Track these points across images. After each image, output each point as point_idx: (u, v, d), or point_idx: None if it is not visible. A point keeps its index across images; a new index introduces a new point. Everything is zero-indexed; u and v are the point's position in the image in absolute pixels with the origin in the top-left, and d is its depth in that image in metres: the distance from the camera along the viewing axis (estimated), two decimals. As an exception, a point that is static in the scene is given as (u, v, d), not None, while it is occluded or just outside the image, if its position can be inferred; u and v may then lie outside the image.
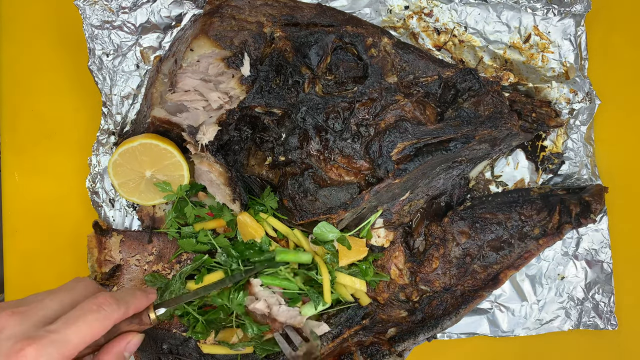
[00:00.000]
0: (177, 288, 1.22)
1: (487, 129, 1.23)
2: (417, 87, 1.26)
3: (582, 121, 1.34)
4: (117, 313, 0.90)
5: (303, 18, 1.26)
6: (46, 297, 0.88)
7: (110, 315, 0.88)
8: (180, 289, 1.22)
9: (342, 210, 1.20)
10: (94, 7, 1.31)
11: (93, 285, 0.96)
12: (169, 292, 1.22)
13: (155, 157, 1.24)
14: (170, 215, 1.26)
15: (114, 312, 0.89)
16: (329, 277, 1.19)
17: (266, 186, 1.26)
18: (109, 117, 1.35)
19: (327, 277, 1.18)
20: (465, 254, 1.31)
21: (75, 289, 0.92)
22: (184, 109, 1.26)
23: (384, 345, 1.26)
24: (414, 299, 1.30)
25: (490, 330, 1.35)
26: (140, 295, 0.98)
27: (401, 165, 1.22)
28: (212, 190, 1.26)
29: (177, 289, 1.22)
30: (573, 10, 1.33)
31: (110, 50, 1.34)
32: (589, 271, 1.35)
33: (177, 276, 1.23)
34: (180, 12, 1.34)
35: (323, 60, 1.24)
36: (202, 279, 1.21)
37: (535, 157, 1.37)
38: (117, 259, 1.29)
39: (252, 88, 1.21)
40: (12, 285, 1.41)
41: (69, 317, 0.84)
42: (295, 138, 1.24)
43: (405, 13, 1.35)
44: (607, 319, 1.34)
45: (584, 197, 1.29)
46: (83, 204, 1.40)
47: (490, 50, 1.35)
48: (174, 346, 1.27)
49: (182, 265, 1.29)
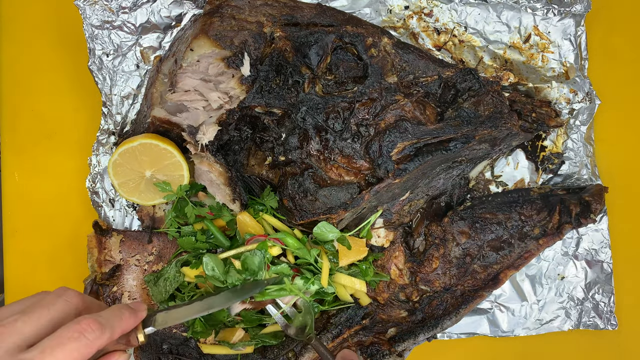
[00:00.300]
0: (172, 276, 1.21)
1: (487, 129, 1.23)
2: (417, 87, 1.26)
3: (582, 121, 1.34)
4: (101, 340, 0.80)
5: (303, 18, 1.26)
6: (21, 318, 0.78)
7: (93, 343, 0.79)
8: (176, 277, 1.20)
9: (342, 210, 1.20)
10: (94, 7, 1.31)
11: (76, 300, 0.86)
12: (163, 279, 1.21)
13: (155, 157, 1.24)
14: (170, 215, 1.26)
15: (97, 339, 0.79)
16: (328, 264, 1.18)
17: (266, 186, 1.26)
18: (109, 117, 1.35)
19: (327, 263, 1.18)
20: (465, 254, 1.31)
21: (55, 305, 0.82)
22: (184, 109, 1.26)
23: (384, 345, 1.26)
24: (414, 299, 1.30)
25: (490, 330, 1.35)
26: (128, 316, 0.89)
27: (401, 165, 1.22)
28: (212, 190, 1.25)
29: (172, 276, 1.21)
30: (573, 10, 1.33)
31: (110, 50, 1.34)
32: (589, 271, 1.35)
33: (173, 263, 1.22)
34: (180, 12, 1.34)
35: (323, 60, 1.24)
36: (198, 265, 1.18)
37: (535, 157, 1.37)
38: (117, 259, 1.29)
39: (252, 88, 1.21)
40: (12, 285, 1.41)
41: (45, 346, 0.75)
42: (295, 138, 1.24)
43: (405, 13, 1.35)
44: (607, 319, 1.34)
45: (584, 197, 1.29)
46: (83, 204, 1.40)
47: (490, 50, 1.35)
48: (174, 346, 1.27)
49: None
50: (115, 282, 1.28)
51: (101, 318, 0.82)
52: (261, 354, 1.25)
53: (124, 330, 0.87)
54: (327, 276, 1.17)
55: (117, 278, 1.29)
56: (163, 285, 1.22)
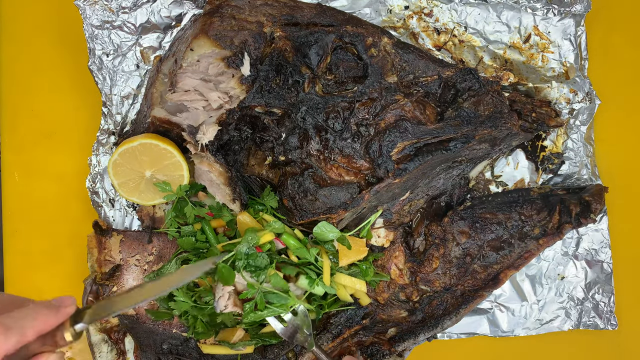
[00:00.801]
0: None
1: (487, 129, 1.23)
2: (417, 87, 1.26)
3: (582, 121, 1.34)
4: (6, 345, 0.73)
5: (303, 18, 1.26)
6: None
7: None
8: None
9: (342, 210, 1.20)
10: (94, 7, 1.31)
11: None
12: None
13: (155, 157, 1.24)
14: (170, 215, 1.26)
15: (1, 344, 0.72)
16: (329, 263, 1.18)
17: (266, 186, 1.26)
18: (109, 117, 1.35)
19: (328, 262, 1.18)
20: (465, 253, 1.31)
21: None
22: (184, 108, 1.26)
23: (384, 345, 1.26)
24: (414, 299, 1.30)
25: (490, 330, 1.35)
26: (45, 314, 0.79)
27: (401, 165, 1.22)
28: (212, 190, 1.25)
29: None
30: (573, 10, 1.33)
31: (110, 50, 1.34)
32: (589, 271, 1.35)
33: (173, 261, 1.22)
34: (180, 12, 1.34)
35: (323, 60, 1.24)
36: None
37: (535, 157, 1.37)
38: (117, 259, 1.29)
39: (252, 88, 1.21)
40: (12, 285, 1.41)
41: None
42: (295, 138, 1.24)
43: (405, 13, 1.35)
44: (607, 319, 1.34)
45: (584, 197, 1.29)
46: (83, 204, 1.40)
47: (490, 50, 1.35)
48: (174, 346, 1.27)
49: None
50: (115, 282, 1.29)
51: (8, 319, 0.75)
52: (261, 354, 1.25)
53: (39, 330, 0.78)
54: (329, 275, 1.17)
55: (117, 278, 1.29)
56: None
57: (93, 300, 1.25)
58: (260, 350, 1.25)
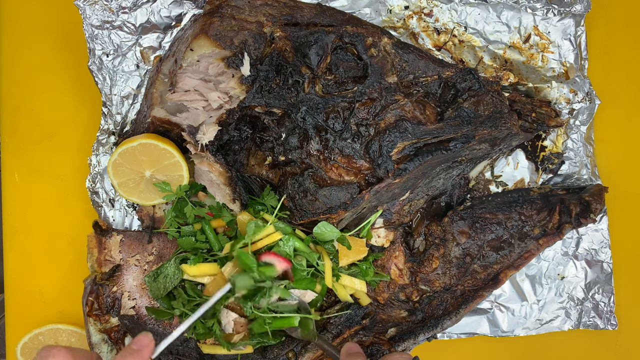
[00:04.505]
0: (172, 273, 1.21)
1: (487, 129, 1.23)
2: (417, 87, 1.26)
3: (582, 121, 1.34)
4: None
5: (303, 18, 1.26)
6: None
7: None
8: (175, 274, 1.21)
9: (342, 210, 1.20)
10: (94, 7, 1.31)
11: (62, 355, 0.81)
12: (163, 276, 1.21)
13: (155, 157, 1.24)
14: (170, 215, 1.26)
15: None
16: (331, 263, 1.18)
17: (266, 186, 1.26)
18: (109, 117, 1.35)
19: (329, 263, 1.18)
20: (465, 254, 1.31)
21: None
22: (184, 109, 1.26)
23: (384, 345, 1.26)
24: (414, 299, 1.30)
25: (490, 330, 1.35)
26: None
27: (401, 165, 1.22)
28: (212, 190, 1.26)
29: (172, 273, 1.21)
30: (573, 10, 1.33)
31: (110, 50, 1.34)
32: (589, 271, 1.35)
33: (172, 260, 1.22)
34: (180, 12, 1.34)
35: (323, 60, 1.24)
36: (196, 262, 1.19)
37: (535, 157, 1.37)
38: (117, 259, 1.29)
39: (252, 88, 1.21)
40: (12, 285, 1.41)
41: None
42: (295, 138, 1.24)
43: (405, 13, 1.35)
44: (607, 319, 1.34)
45: (584, 197, 1.29)
46: (83, 204, 1.40)
47: (490, 50, 1.35)
48: (174, 346, 1.26)
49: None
50: (115, 282, 1.28)
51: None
52: (261, 354, 1.25)
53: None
54: (330, 275, 1.18)
55: (117, 278, 1.29)
56: (162, 282, 1.22)
57: (93, 300, 1.26)
58: (260, 350, 1.25)
